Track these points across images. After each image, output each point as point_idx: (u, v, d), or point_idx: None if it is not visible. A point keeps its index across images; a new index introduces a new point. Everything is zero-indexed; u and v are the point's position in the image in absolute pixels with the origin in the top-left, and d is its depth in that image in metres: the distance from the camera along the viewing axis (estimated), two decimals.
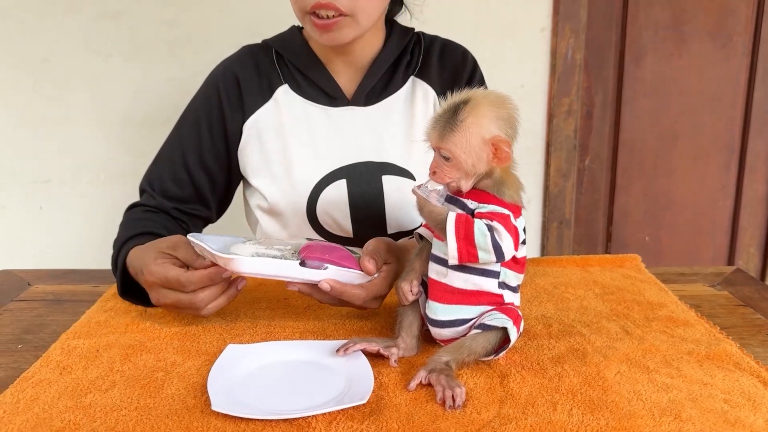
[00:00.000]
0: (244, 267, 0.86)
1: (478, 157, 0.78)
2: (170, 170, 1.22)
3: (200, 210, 1.24)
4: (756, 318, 1.01)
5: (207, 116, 1.23)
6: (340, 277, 0.90)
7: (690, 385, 0.78)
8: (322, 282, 0.89)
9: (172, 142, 1.24)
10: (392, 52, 1.25)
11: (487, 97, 0.80)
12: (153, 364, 0.84)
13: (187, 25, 1.90)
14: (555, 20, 1.99)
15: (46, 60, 1.92)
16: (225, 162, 1.24)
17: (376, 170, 1.22)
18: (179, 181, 1.21)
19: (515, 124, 0.80)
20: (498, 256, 0.78)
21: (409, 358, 0.85)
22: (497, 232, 0.78)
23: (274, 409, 0.73)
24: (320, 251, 0.91)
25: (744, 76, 2.19)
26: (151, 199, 1.20)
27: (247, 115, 1.22)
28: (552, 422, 0.70)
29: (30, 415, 0.72)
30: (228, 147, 1.23)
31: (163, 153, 1.25)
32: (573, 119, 2.07)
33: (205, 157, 1.22)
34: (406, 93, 1.26)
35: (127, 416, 0.72)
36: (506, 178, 0.81)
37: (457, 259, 0.79)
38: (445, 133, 0.79)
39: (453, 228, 0.78)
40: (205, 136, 1.22)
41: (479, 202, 0.81)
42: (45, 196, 2.02)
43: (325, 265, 0.90)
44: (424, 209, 0.82)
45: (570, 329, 0.93)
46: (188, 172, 1.21)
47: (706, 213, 2.32)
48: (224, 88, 1.23)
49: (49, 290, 1.12)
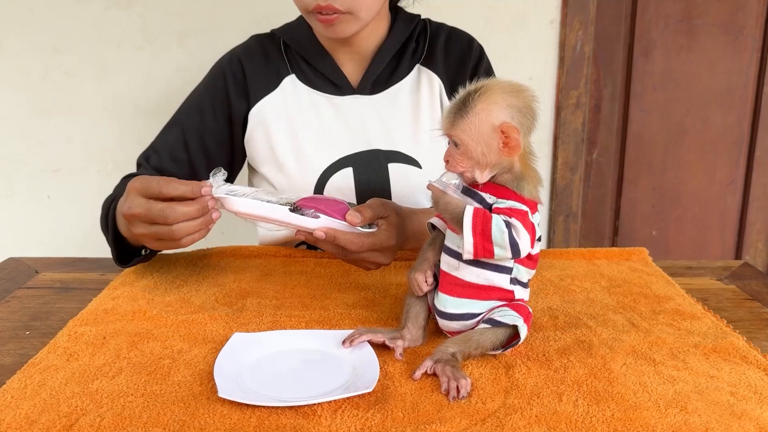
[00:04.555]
0: (236, 206, 0.91)
1: (487, 144, 0.77)
2: (169, 149, 1.22)
3: None
4: (763, 312, 1.00)
5: (211, 100, 1.24)
6: (331, 226, 0.94)
7: (696, 377, 0.78)
8: (317, 231, 0.93)
9: (173, 123, 1.25)
10: (397, 39, 1.25)
11: (502, 85, 0.78)
12: (159, 351, 0.84)
13: (197, 15, 1.90)
14: (564, 12, 1.98)
15: (56, 49, 1.92)
16: (227, 146, 1.25)
17: (382, 158, 1.22)
18: (177, 161, 1.22)
19: (531, 114, 0.78)
20: (514, 253, 0.78)
21: (415, 348, 0.85)
22: (515, 229, 0.77)
23: (280, 396, 0.73)
24: (316, 202, 0.95)
25: (754, 71, 2.18)
26: (145, 171, 1.21)
27: (252, 103, 1.23)
28: (557, 413, 0.70)
29: (37, 401, 0.72)
30: (232, 132, 1.24)
31: (164, 133, 1.25)
32: (581, 112, 2.06)
33: (206, 140, 1.23)
34: (412, 81, 1.26)
35: (133, 402, 0.72)
36: (526, 172, 0.80)
37: (472, 254, 0.78)
38: (456, 119, 0.78)
39: (470, 222, 0.77)
40: (208, 119, 1.23)
41: (498, 197, 0.79)
42: (53, 184, 2.02)
43: (317, 214, 0.93)
44: (440, 201, 0.80)
45: (576, 321, 0.93)
46: (187, 152, 1.22)
47: (714, 208, 2.31)
48: (230, 74, 1.24)
49: (57, 278, 1.13)
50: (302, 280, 1.09)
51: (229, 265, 1.15)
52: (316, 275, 1.11)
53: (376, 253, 1.00)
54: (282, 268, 1.15)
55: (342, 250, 0.97)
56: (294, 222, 0.93)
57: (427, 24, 1.30)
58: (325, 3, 1.08)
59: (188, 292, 1.03)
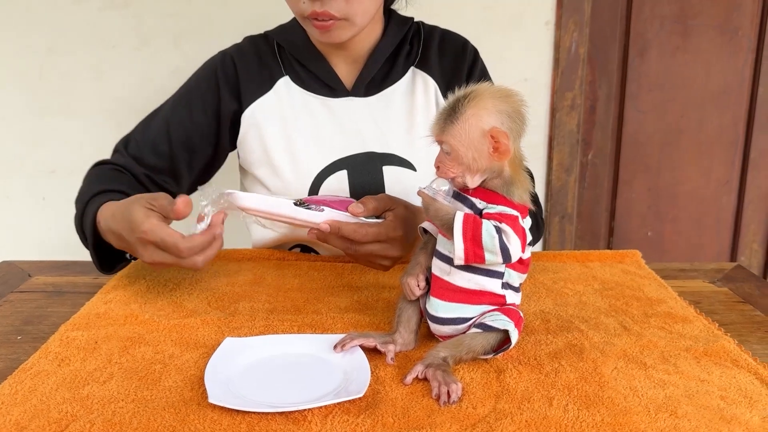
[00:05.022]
0: (243, 201, 0.93)
1: (477, 150, 0.77)
2: (152, 141, 1.22)
3: (170, 183, 1.24)
4: (755, 315, 1.01)
5: (201, 95, 1.24)
6: (335, 217, 0.96)
7: (687, 381, 0.78)
8: (322, 223, 0.95)
9: (158, 115, 1.25)
10: (391, 42, 1.25)
11: (491, 91, 0.79)
12: (151, 356, 0.84)
13: (192, 17, 1.90)
14: (559, 13, 1.98)
15: (51, 50, 1.92)
16: (211, 144, 1.25)
17: (376, 161, 1.22)
18: (158, 153, 1.22)
19: (520, 119, 0.79)
20: (505, 258, 0.78)
21: (407, 352, 0.85)
22: (505, 234, 0.77)
23: (271, 402, 0.73)
24: (322, 199, 0.98)
25: (749, 71, 2.18)
26: (121, 158, 1.21)
27: (245, 105, 1.23)
28: (547, 417, 0.70)
29: (28, 407, 0.72)
30: (219, 130, 1.24)
31: (146, 123, 1.25)
32: (576, 113, 2.06)
33: (191, 135, 1.23)
34: (407, 84, 1.26)
35: (124, 408, 0.72)
36: (516, 177, 0.80)
37: (463, 259, 0.78)
38: (446, 125, 0.78)
39: (461, 228, 0.77)
40: (196, 114, 1.23)
41: (488, 202, 0.80)
42: (49, 186, 2.02)
43: (322, 207, 0.96)
44: (430, 209, 0.80)
45: (568, 325, 0.93)
46: (170, 145, 1.22)
47: (709, 209, 2.32)
48: (222, 72, 1.24)
49: (50, 281, 1.13)
50: (295, 284, 1.09)
51: (221, 269, 1.15)
52: (309, 279, 1.11)
53: (384, 245, 1.00)
54: (275, 271, 1.14)
55: (349, 243, 0.98)
56: (299, 216, 0.95)
57: (421, 26, 1.30)
58: (321, 9, 1.08)
59: (181, 296, 1.03)
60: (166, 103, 1.27)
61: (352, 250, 1.00)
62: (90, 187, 1.12)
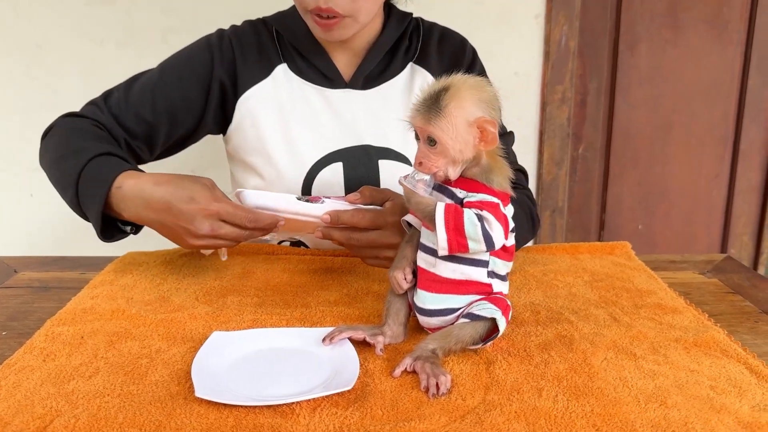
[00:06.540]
0: (249, 199, 0.97)
1: (464, 141, 0.77)
2: (135, 105, 1.19)
3: (143, 150, 1.22)
4: (745, 305, 1.01)
5: (194, 69, 1.21)
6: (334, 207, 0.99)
7: (676, 371, 0.78)
8: (323, 215, 0.97)
9: (144, 80, 1.21)
10: (390, 36, 1.24)
11: (467, 82, 0.79)
12: (137, 351, 0.83)
13: (181, 13, 1.89)
14: (549, 7, 1.98)
15: (39, 46, 1.91)
16: (195, 118, 1.22)
17: (373, 155, 1.21)
18: (139, 118, 1.19)
19: (497, 105, 0.80)
20: (488, 246, 0.78)
21: (396, 345, 0.85)
22: (487, 222, 0.77)
23: (258, 395, 0.72)
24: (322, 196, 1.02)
25: (739, 65, 2.19)
26: (101, 114, 1.18)
27: (241, 90, 1.21)
28: (537, 408, 0.70)
29: (12, 402, 0.71)
30: (206, 105, 1.21)
31: (129, 86, 1.21)
32: (567, 107, 2.06)
33: (176, 106, 1.20)
34: (405, 79, 1.26)
35: (109, 403, 0.71)
36: (494, 164, 0.80)
37: (447, 250, 0.78)
38: (431, 117, 0.78)
39: (442, 219, 0.77)
40: (186, 86, 1.20)
41: (468, 191, 0.80)
42: (36, 183, 2.01)
43: (322, 199, 0.99)
44: (411, 200, 0.81)
45: (558, 316, 0.93)
46: (153, 112, 1.19)
47: (700, 202, 2.32)
48: (218, 51, 1.21)
49: (36, 277, 1.12)
50: (284, 278, 1.08)
51: (210, 263, 1.14)
52: (298, 272, 1.11)
53: (383, 232, 0.99)
54: (264, 265, 1.14)
55: (349, 232, 0.98)
56: (301, 210, 0.98)
57: (420, 22, 1.29)
58: (326, 5, 1.07)
59: (168, 290, 1.03)
60: (152, 70, 1.23)
61: (353, 240, 0.99)
62: (85, 143, 1.08)
